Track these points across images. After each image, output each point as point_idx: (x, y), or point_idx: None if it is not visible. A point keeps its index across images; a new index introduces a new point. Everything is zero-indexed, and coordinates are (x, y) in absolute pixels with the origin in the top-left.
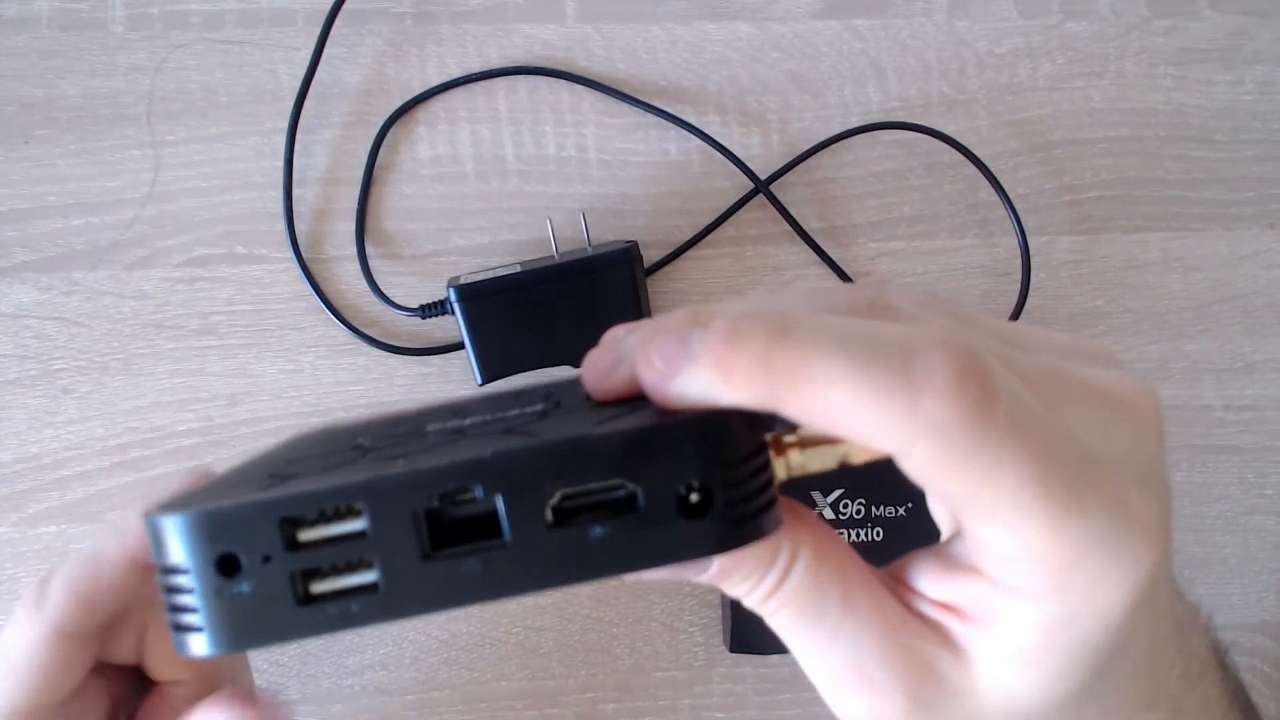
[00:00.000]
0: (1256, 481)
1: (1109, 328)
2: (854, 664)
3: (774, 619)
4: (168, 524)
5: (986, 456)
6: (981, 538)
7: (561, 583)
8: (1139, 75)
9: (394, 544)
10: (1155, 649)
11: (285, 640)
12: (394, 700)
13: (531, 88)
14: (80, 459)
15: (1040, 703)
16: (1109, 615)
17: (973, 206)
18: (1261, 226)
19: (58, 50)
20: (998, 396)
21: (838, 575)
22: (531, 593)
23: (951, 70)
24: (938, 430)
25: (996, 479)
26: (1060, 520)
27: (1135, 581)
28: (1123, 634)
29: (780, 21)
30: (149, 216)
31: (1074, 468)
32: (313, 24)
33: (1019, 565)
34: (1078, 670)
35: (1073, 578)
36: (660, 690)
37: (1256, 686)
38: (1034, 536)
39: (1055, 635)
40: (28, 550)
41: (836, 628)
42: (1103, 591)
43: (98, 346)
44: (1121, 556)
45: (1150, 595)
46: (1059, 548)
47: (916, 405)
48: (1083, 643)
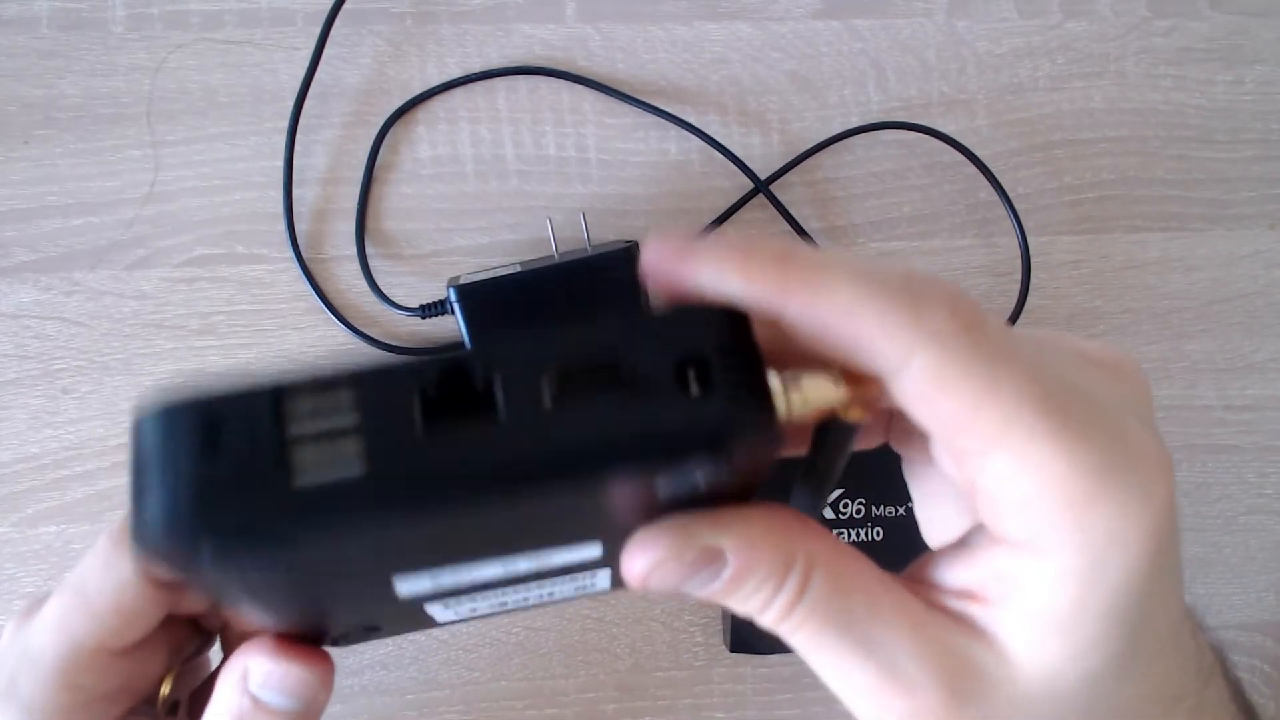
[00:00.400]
0: (1257, 481)
1: (1109, 328)
2: (889, 670)
3: (797, 634)
4: (155, 410)
5: (984, 371)
6: (991, 478)
7: (562, 473)
8: (1139, 75)
9: (386, 425)
10: (1177, 630)
11: (273, 538)
12: (394, 700)
13: (531, 88)
14: (80, 459)
15: (1077, 678)
16: (1133, 558)
17: (973, 206)
18: (1262, 226)
19: (57, 50)
20: (988, 323)
21: (858, 581)
22: (532, 489)
23: (951, 70)
24: (937, 338)
25: (996, 394)
26: (1068, 445)
27: (1154, 514)
28: (1148, 587)
29: (780, 21)
30: (149, 216)
31: (1069, 396)
32: (313, 24)
33: (1034, 508)
34: (1110, 636)
35: (1090, 516)
36: (660, 690)
37: (1257, 686)
38: (1044, 464)
39: (1082, 594)
40: (28, 550)
41: (866, 635)
42: (1123, 529)
43: (98, 346)
44: (1134, 486)
45: (1169, 542)
46: (1072, 479)
47: (919, 314)
48: (1111, 598)
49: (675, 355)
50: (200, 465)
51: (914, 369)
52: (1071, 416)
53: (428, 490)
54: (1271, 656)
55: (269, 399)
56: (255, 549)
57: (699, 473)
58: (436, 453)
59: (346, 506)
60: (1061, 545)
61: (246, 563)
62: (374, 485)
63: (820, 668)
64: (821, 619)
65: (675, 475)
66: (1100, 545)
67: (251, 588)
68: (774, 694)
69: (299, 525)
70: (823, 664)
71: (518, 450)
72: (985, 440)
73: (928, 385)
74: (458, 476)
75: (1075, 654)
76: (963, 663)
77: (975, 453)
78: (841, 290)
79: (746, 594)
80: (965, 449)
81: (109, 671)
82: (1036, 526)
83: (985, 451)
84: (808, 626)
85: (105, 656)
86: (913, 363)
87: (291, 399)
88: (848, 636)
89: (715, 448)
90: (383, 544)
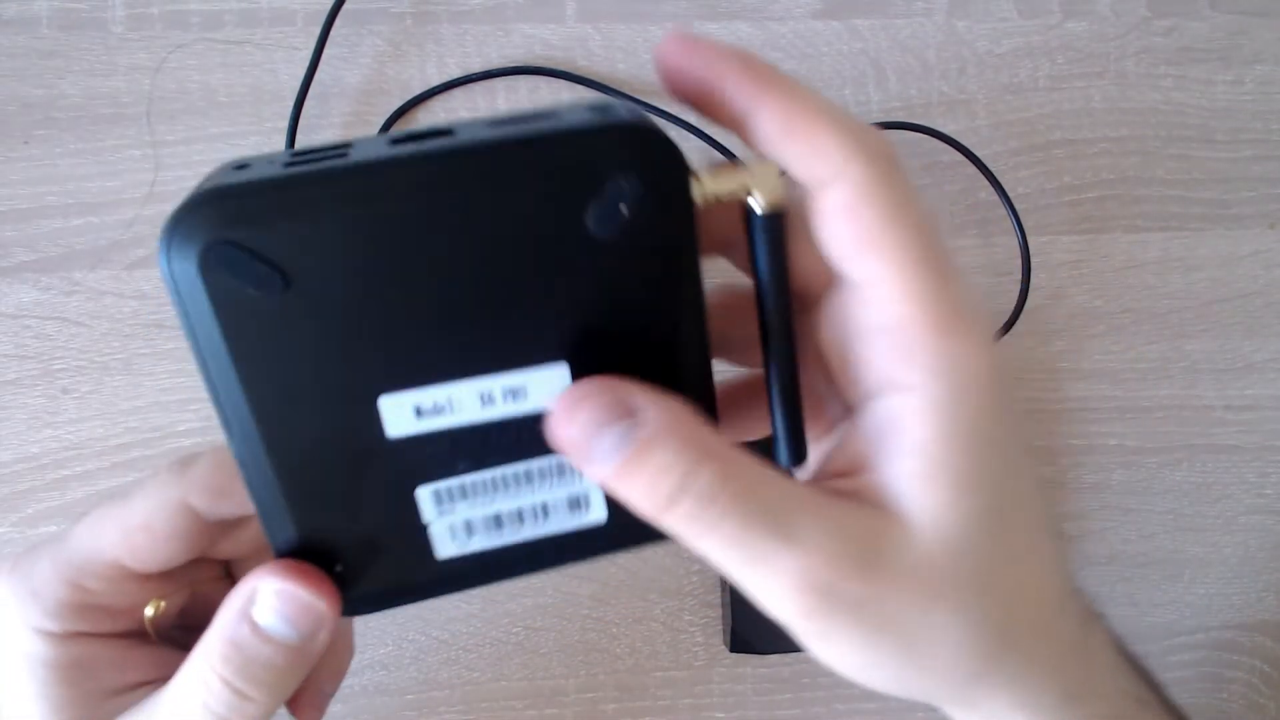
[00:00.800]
0: (1257, 481)
1: (1109, 327)
2: (812, 551)
3: (718, 530)
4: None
5: (900, 194)
6: (876, 297)
7: (497, 149)
8: (1139, 75)
9: (367, 144)
10: (1041, 512)
11: (281, 212)
12: (394, 700)
13: (532, 87)
14: (80, 459)
15: (962, 531)
16: (983, 389)
17: (972, 206)
18: (1261, 226)
19: (57, 50)
20: (903, 170)
21: (769, 476)
22: (472, 178)
23: (951, 70)
24: (873, 156)
25: (903, 219)
26: (941, 280)
27: (993, 353)
28: (999, 426)
29: (780, 21)
30: (149, 216)
31: (941, 252)
32: (313, 24)
33: (906, 332)
34: (978, 476)
35: (947, 343)
36: (660, 690)
37: (1256, 686)
38: (924, 289)
39: (944, 425)
40: None
41: (788, 525)
42: (974, 360)
43: (98, 346)
44: (978, 327)
45: (1008, 385)
46: (939, 308)
47: (863, 139)
48: (970, 430)
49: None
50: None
51: (847, 177)
52: (946, 261)
53: (399, 169)
54: (1271, 656)
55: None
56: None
57: (622, 206)
58: (399, 151)
59: (339, 185)
60: (924, 370)
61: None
62: (352, 169)
63: (741, 564)
64: (743, 512)
65: (600, 201)
66: (955, 373)
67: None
68: (774, 694)
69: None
70: (743, 558)
71: (462, 141)
72: (884, 257)
73: (853, 196)
74: (415, 155)
75: (953, 498)
76: (869, 534)
77: (865, 279)
78: (812, 101)
79: (661, 465)
80: (857, 274)
81: (120, 589)
82: (904, 349)
83: (874, 278)
84: (728, 521)
85: (120, 572)
86: (848, 173)
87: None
88: (770, 526)
89: (629, 155)
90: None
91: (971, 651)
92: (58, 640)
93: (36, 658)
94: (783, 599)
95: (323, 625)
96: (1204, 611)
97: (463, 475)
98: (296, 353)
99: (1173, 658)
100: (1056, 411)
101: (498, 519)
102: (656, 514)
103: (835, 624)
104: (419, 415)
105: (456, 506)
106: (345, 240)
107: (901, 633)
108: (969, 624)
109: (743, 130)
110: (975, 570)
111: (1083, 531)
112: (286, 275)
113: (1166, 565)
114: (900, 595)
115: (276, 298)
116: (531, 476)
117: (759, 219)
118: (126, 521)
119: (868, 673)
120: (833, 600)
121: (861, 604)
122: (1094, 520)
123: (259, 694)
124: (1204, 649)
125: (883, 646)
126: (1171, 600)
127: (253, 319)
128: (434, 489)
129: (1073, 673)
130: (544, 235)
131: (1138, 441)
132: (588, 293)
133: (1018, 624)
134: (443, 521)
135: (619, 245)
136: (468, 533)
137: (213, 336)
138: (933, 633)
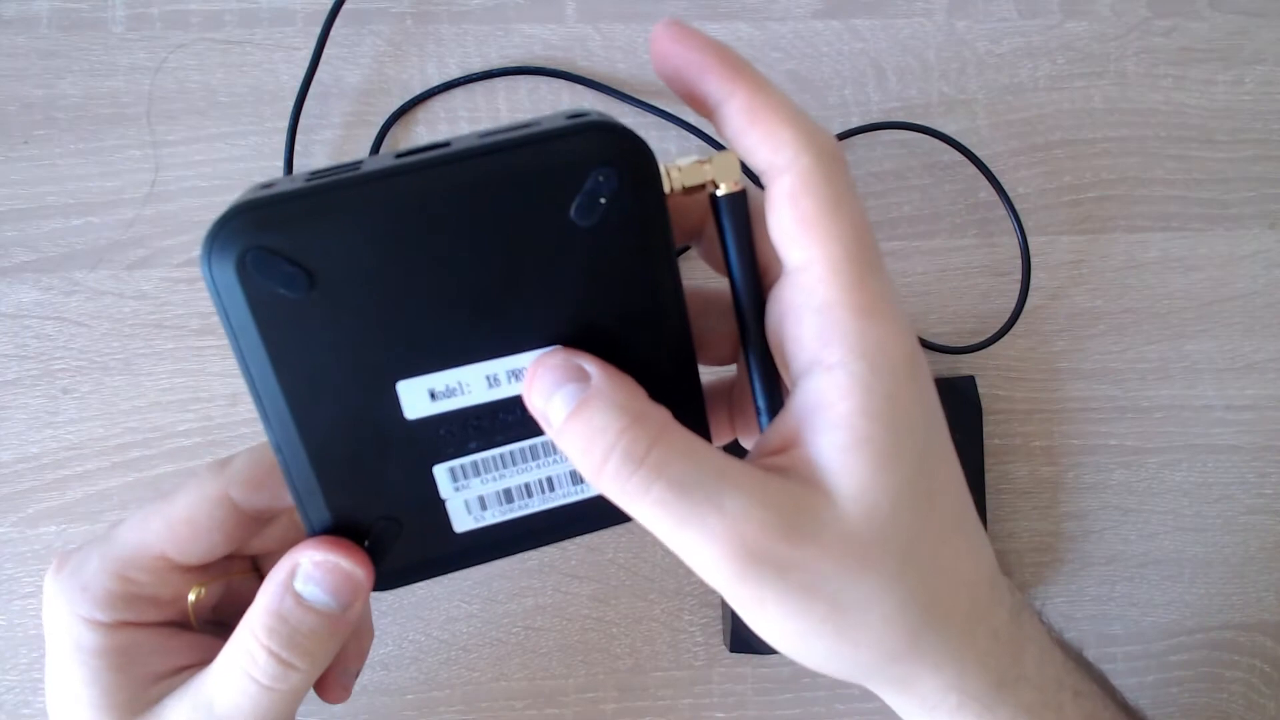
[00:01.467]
0: (1257, 481)
1: (1109, 327)
2: (742, 519)
3: (649, 493)
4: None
5: (839, 188)
6: (808, 279)
7: (491, 157)
8: (1139, 75)
9: (376, 160)
10: (960, 484)
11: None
12: (394, 700)
13: (532, 87)
14: (80, 459)
15: (888, 505)
16: (900, 368)
17: (973, 206)
18: (1261, 226)
19: (57, 50)
20: (846, 166)
21: (704, 450)
22: (470, 179)
23: (951, 70)
24: (821, 151)
25: (838, 211)
26: (866, 268)
27: (911, 341)
28: (916, 404)
29: (780, 21)
30: (149, 216)
31: (872, 248)
32: (313, 24)
33: (831, 312)
34: (900, 450)
35: (868, 323)
36: (660, 690)
37: (1256, 686)
38: (849, 274)
39: (865, 400)
40: (28, 550)
41: (718, 495)
42: (891, 340)
43: (98, 346)
44: (896, 310)
45: (923, 368)
46: (862, 292)
47: (815, 130)
48: (889, 405)
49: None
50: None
51: (796, 167)
52: (875, 255)
53: (398, 171)
54: (1272, 656)
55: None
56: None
57: (601, 197)
58: (404, 161)
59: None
60: (846, 349)
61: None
62: (363, 178)
63: (672, 529)
64: (672, 477)
65: (581, 194)
66: (874, 353)
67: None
68: (774, 694)
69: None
70: (673, 522)
71: (458, 149)
72: (812, 246)
73: (798, 184)
74: (418, 163)
75: (875, 471)
76: (797, 503)
77: (800, 263)
78: (776, 97)
79: (602, 422)
80: (794, 259)
81: (164, 579)
82: (829, 329)
83: (808, 262)
84: (657, 485)
85: (165, 563)
86: (799, 162)
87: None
88: (700, 493)
89: (605, 152)
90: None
91: (901, 624)
92: (107, 629)
93: (87, 647)
94: (713, 563)
95: (359, 595)
96: (1204, 611)
97: (475, 454)
98: (323, 346)
99: (1173, 657)
100: (1056, 412)
101: (508, 493)
102: (594, 474)
103: (764, 588)
104: (433, 398)
105: (470, 483)
106: (361, 241)
107: (831, 600)
108: (896, 596)
109: (715, 117)
110: (900, 543)
111: (1083, 532)
112: (312, 276)
113: (1166, 565)
114: (827, 561)
115: (305, 296)
116: (536, 452)
117: (722, 200)
118: (171, 515)
119: (803, 643)
120: (761, 563)
121: (789, 567)
122: (1094, 520)
123: (302, 662)
124: (1204, 649)
125: (813, 614)
126: (1171, 600)
127: (285, 317)
128: (449, 467)
129: (1005, 659)
130: (534, 227)
131: (1138, 441)
132: (576, 278)
133: (946, 604)
134: (458, 497)
135: (600, 232)
136: (482, 507)
137: (251, 335)
138: (861, 601)
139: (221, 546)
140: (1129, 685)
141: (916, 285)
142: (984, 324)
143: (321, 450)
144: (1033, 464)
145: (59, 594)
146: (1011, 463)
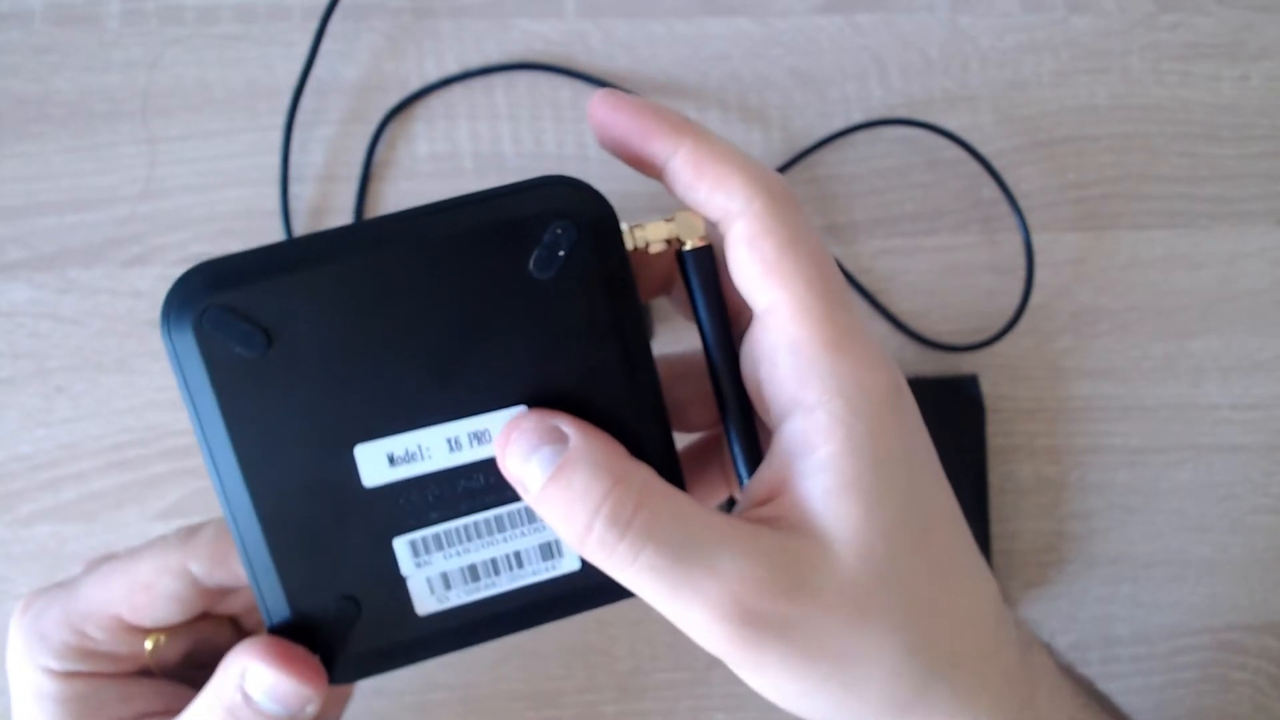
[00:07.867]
0: (1263, 481)
1: (1113, 325)
2: (737, 580)
3: (638, 560)
4: None
5: (796, 228)
6: (777, 320)
7: (447, 211)
8: (1144, 71)
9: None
10: (955, 517)
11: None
12: (393, 701)
13: (531, 84)
14: (74, 458)
15: (882, 546)
16: (879, 402)
17: (976, 203)
18: (1268, 223)
19: (52, 45)
20: (800, 207)
21: (691, 509)
22: (426, 233)
23: (954, 66)
24: (773, 193)
25: (798, 250)
26: (832, 303)
27: (889, 373)
28: (898, 439)
29: (782, 17)
30: (144, 213)
31: (834, 278)
32: (309, 19)
33: (802, 351)
34: (888, 487)
35: (842, 361)
36: (660, 692)
37: (1262, 687)
38: (815, 311)
39: (848, 440)
40: (21, 551)
41: (710, 557)
42: (867, 376)
43: (92, 345)
44: (870, 345)
45: (907, 399)
46: (830, 328)
47: (764, 173)
48: (870, 442)
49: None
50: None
51: (751, 212)
52: (837, 287)
53: (356, 228)
54: (1277, 658)
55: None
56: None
57: (560, 251)
58: (363, 220)
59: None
60: (822, 388)
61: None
62: (321, 235)
63: (665, 595)
64: (661, 540)
65: (539, 247)
66: (850, 390)
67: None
68: None
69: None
70: (666, 588)
71: (417, 208)
72: (777, 288)
73: (756, 228)
74: (377, 219)
75: (865, 512)
76: (790, 556)
77: (767, 305)
78: (720, 146)
79: (583, 485)
80: (761, 302)
81: (119, 637)
82: (803, 369)
83: (774, 304)
84: (647, 550)
85: (120, 623)
86: (751, 206)
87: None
88: (690, 554)
89: (562, 204)
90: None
91: (908, 674)
92: (62, 678)
93: (44, 693)
94: (710, 628)
95: (310, 701)
96: (1210, 612)
97: (437, 524)
98: (280, 408)
99: (1178, 659)
100: (1060, 410)
101: (473, 570)
102: (578, 541)
103: (765, 651)
104: (392, 463)
105: (433, 557)
106: (318, 296)
107: (832, 656)
108: (901, 645)
109: (664, 176)
110: (900, 586)
111: (1087, 531)
112: (270, 334)
113: (1172, 565)
114: (826, 615)
115: (262, 355)
116: (503, 523)
117: (688, 255)
118: (132, 579)
119: (807, 702)
120: (759, 626)
121: (788, 627)
122: (1099, 520)
123: None
124: (1210, 650)
125: (816, 672)
126: (1177, 601)
127: (242, 377)
128: (410, 539)
129: (1016, 700)
130: (493, 282)
131: (1143, 441)
132: (537, 335)
133: (954, 647)
134: (420, 574)
135: (560, 286)
136: (445, 585)
137: (207, 398)
138: (865, 655)
139: (178, 615)
140: (1135, 687)
141: (919, 283)
142: (987, 322)
143: (276, 519)
144: (1036, 463)
145: (20, 639)
146: (1015, 462)
